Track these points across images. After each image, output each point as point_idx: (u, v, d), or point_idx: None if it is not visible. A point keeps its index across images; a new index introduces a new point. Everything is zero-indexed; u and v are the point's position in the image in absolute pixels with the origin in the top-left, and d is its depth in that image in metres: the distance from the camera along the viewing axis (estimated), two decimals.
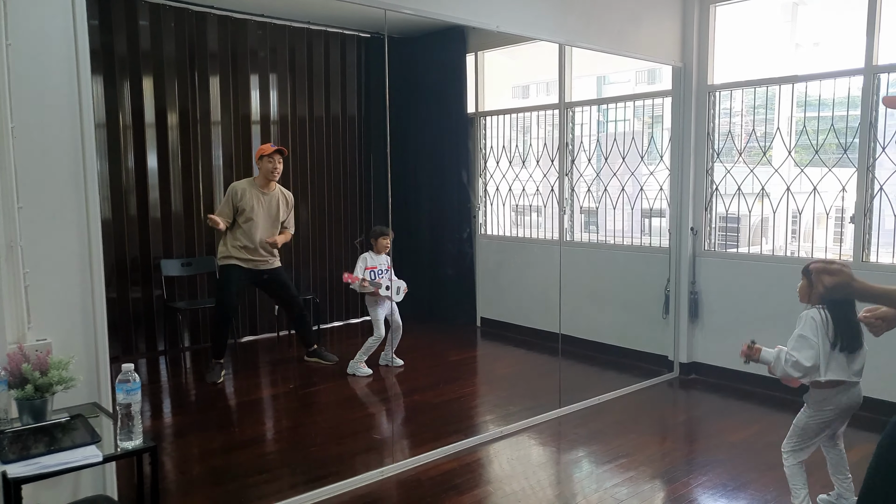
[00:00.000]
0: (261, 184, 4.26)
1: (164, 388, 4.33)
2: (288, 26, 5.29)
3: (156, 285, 4.84)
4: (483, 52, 5.61)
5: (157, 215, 4.84)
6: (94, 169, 2.19)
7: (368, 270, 4.34)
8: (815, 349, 2.31)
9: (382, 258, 4.41)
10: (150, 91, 4.72)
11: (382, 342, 4.45)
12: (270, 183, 4.27)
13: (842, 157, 3.72)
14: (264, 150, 4.23)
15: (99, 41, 4.40)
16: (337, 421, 3.67)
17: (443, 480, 2.89)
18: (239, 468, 3.07)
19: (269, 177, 4.23)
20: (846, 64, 3.70)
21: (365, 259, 4.38)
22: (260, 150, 4.29)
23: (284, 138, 5.38)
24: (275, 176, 4.24)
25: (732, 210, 4.25)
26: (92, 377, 2.20)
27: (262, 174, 4.24)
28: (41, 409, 1.89)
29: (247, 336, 5.31)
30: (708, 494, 2.78)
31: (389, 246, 4.40)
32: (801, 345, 2.33)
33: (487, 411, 3.90)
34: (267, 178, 4.24)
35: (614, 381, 4.28)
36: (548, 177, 5.29)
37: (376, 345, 4.41)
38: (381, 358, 4.58)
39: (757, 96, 4.19)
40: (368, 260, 4.37)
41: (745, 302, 4.10)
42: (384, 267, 4.40)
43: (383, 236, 4.38)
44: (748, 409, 3.78)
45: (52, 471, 1.68)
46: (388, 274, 4.40)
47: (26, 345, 2.01)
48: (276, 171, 4.23)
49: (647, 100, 4.74)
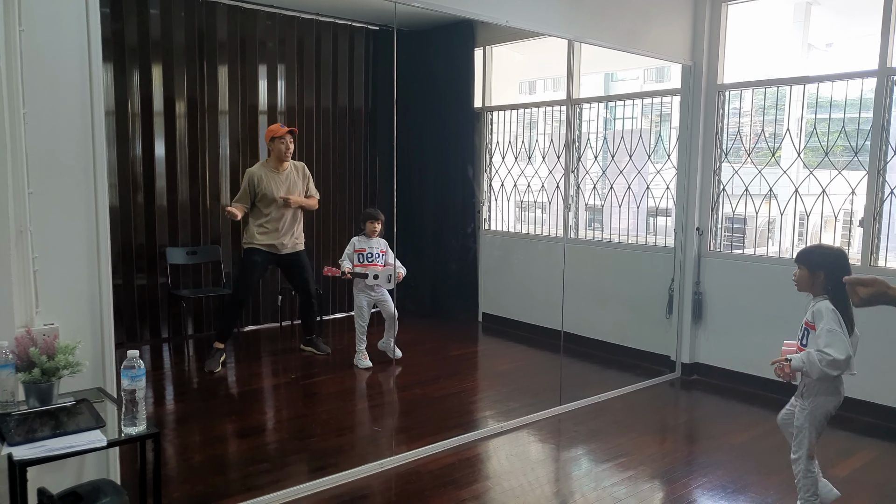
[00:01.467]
0: (274, 165, 4.28)
1: (168, 375, 4.36)
2: (297, 17, 5.28)
3: (161, 273, 4.87)
4: (491, 46, 5.59)
5: (164, 203, 4.86)
6: (104, 156, 2.20)
7: (357, 253, 4.34)
8: (845, 341, 2.25)
9: (374, 242, 4.38)
10: (158, 80, 4.73)
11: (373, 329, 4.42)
12: (284, 163, 4.29)
13: (852, 159, 3.70)
14: (275, 132, 4.24)
15: (110, 29, 4.41)
16: (337, 412, 3.68)
17: (442, 474, 2.90)
18: (240, 457, 3.10)
19: (282, 157, 4.25)
20: (859, 65, 3.67)
21: (353, 244, 4.38)
22: (270, 131, 4.29)
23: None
24: (287, 156, 4.27)
25: (739, 211, 4.23)
26: (97, 362, 2.21)
27: (275, 155, 4.26)
28: (47, 393, 1.91)
29: (249, 325, 5.34)
30: (707, 496, 2.79)
31: (379, 229, 4.38)
32: (833, 339, 2.24)
33: (487, 407, 3.91)
34: (280, 159, 4.26)
35: (615, 379, 4.28)
36: (553, 173, 5.28)
37: (362, 334, 4.39)
38: (379, 343, 4.58)
39: (767, 96, 4.16)
40: (357, 244, 4.37)
41: (750, 304, 4.09)
42: (376, 251, 4.37)
43: (370, 220, 4.37)
44: (750, 412, 3.78)
45: (57, 454, 1.70)
46: (381, 259, 4.37)
47: (34, 329, 2.03)
48: (289, 152, 4.26)
49: (655, 98, 4.72)
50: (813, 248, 2.51)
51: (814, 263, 2.39)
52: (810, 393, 2.39)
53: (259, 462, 2.99)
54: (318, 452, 3.11)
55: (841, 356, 2.23)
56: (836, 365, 2.24)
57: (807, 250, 2.48)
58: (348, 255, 4.38)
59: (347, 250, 4.39)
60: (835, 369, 2.25)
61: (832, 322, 2.27)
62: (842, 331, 2.26)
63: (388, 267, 4.35)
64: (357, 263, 4.36)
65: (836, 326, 2.26)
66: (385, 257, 4.41)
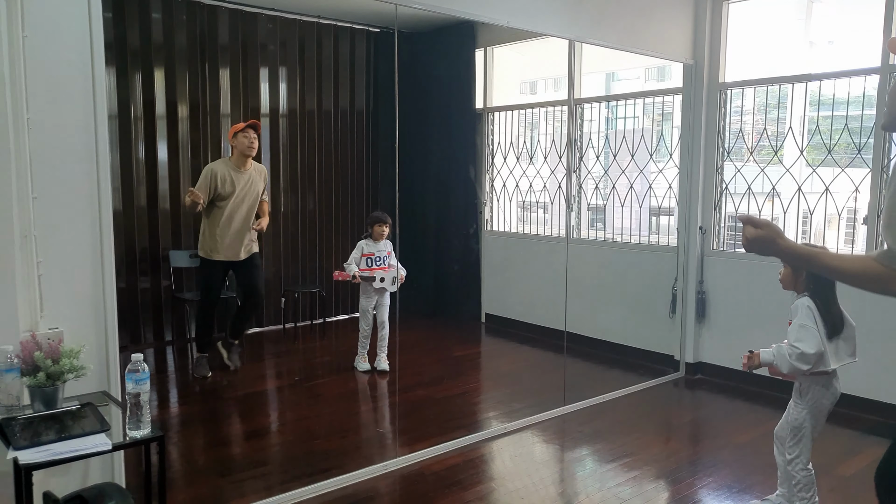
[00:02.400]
0: (237, 163, 4.09)
1: (172, 378, 4.36)
2: (298, 20, 5.30)
3: (164, 276, 4.88)
4: (492, 47, 5.59)
5: (167, 207, 4.87)
6: (108, 160, 2.21)
7: (365, 258, 4.29)
8: (816, 337, 2.30)
9: (381, 245, 4.34)
10: (161, 83, 4.74)
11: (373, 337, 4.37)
12: (247, 160, 4.10)
13: (855, 157, 3.69)
14: (237, 127, 4.09)
15: (112, 34, 4.42)
16: (341, 415, 3.69)
17: (446, 476, 2.90)
18: (244, 459, 3.10)
19: (245, 153, 4.03)
20: (861, 63, 3.66)
21: (361, 247, 4.32)
22: (233, 128, 4.14)
23: (293, 132, 5.39)
24: (251, 152, 4.07)
25: (742, 209, 4.22)
26: (102, 366, 2.22)
27: (238, 151, 4.06)
28: (52, 397, 1.91)
29: (253, 328, 5.34)
30: (713, 496, 2.78)
31: (387, 232, 4.32)
32: (803, 334, 2.31)
33: (491, 408, 3.91)
34: (244, 155, 4.04)
35: (619, 379, 4.28)
36: (555, 173, 5.27)
37: (365, 338, 4.36)
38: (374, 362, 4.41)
39: (769, 95, 4.15)
40: (365, 247, 4.31)
41: (753, 302, 4.08)
42: (384, 253, 4.34)
43: (378, 223, 4.31)
44: (755, 411, 3.77)
45: (62, 458, 1.70)
46: (388, 261, 4.34)
47: (39, 333, 2.03)
48: (252, 148, 4.06)
49: (656, 97, 4.72)
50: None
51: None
52: (806, 391, 2.43)
53: (263, 465, 3.00)
54: (322, 455, 3.11)
55: (810, 350, 2.28)
56: (804, 358, 2.29)
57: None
58: (354, 259, 4.30)
59: (354, 254, 4.31)
60: (804, 363, 2.29)
61: (805, 318, 2.33)
62: (814, 326, 2.31)
63: (392, 269, 4.32)
64: (364, 267, 4.29)
65: (809, 322, 2.32)
66: (390, 260, 4.39)
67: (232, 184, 4.06)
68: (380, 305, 4.38)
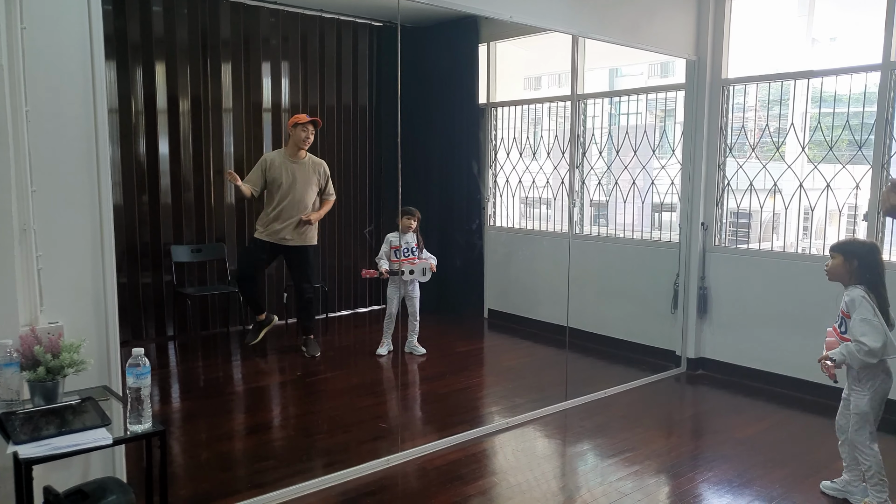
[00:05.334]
0: (291, 153, 4.29)
1: (173, 372, 4.37)
2: (300, 14, 5.27)
3: (166, 271, 4.87)
4: (495, 42, 5.57)
5: (168, 201, 4.86)
6: (107, 154, 2.20)
7: (394, 250, 4.46)
8: (880, 329, 2.38)
9: (408, 237, 4.51)
10: (162, 77, 4.73)
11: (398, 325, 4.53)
12: (301, 152, 4.30)
13: (856, 153, 3.68)
14: (299, 119, 4.26)
15: (112, 27, 4.40)
16: (343, 409, 3.69)
17: (448, 470, 2.90)
18: (245, 454, 3.10)
19: (300, 145, 4.26)
20: (863, 59, 3.65)
21: (389, 241, 4.50)
22: (294, 118, 4.31)
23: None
24: (306, 145, 4.27)
25: (744, 206, 4.21)
26: (102, 360, 2.22)
27: (293, 143, 4.27)
28: (52, 392, 1.91)
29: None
30: (713, 490, 2.78)
31: (414, 225, 4.51)
32: (867, 328, 2.39)
33: (493, 402, 3.91)
34: (298, 147, 4.27)
35: (621, 375, 4.27)
36: (558, 169, 5.26)
37: (389, 324, 4.53)
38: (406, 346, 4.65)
39: (771, 91, 4.14)
40: (392, 240, 4.48)
41: (755, 298, 4.08)
42: (412, 245, 4.51)
43: (406, 216, 4.51)
44: (756, 406, 3.76)
45: (63, 452, 1.70)
46: (416, 252, 4.51)
47: (38, 327, 2.03)
48: (308, 141, 4.26)
49: (659, 93, 4.70)
50: (848, 239, 2.72)
51: (849, 252, 2.51)
52: (867, 378, 2.48)
53: (265, 459, 3.00)
54: (324, 449, 3.11)
55: (876, 344, 2.37)
56: (872, 353, 2.38)
57: (842, 240, 2.65)
58: (385, 253, 4.47)
59: (384, 248, 4.49)
60: (872, 357, 2.38)
61: (866, 311, 2.40)
62: (876, 318, 2.38)
63: (423, 261, 4.49)
64: (393, 258, 4.46)
65: (870, 315, 2.39)
66: (417, 250, 4.50)
67: (282, 171, 4.25)
68: (409, 297, 4.55)
